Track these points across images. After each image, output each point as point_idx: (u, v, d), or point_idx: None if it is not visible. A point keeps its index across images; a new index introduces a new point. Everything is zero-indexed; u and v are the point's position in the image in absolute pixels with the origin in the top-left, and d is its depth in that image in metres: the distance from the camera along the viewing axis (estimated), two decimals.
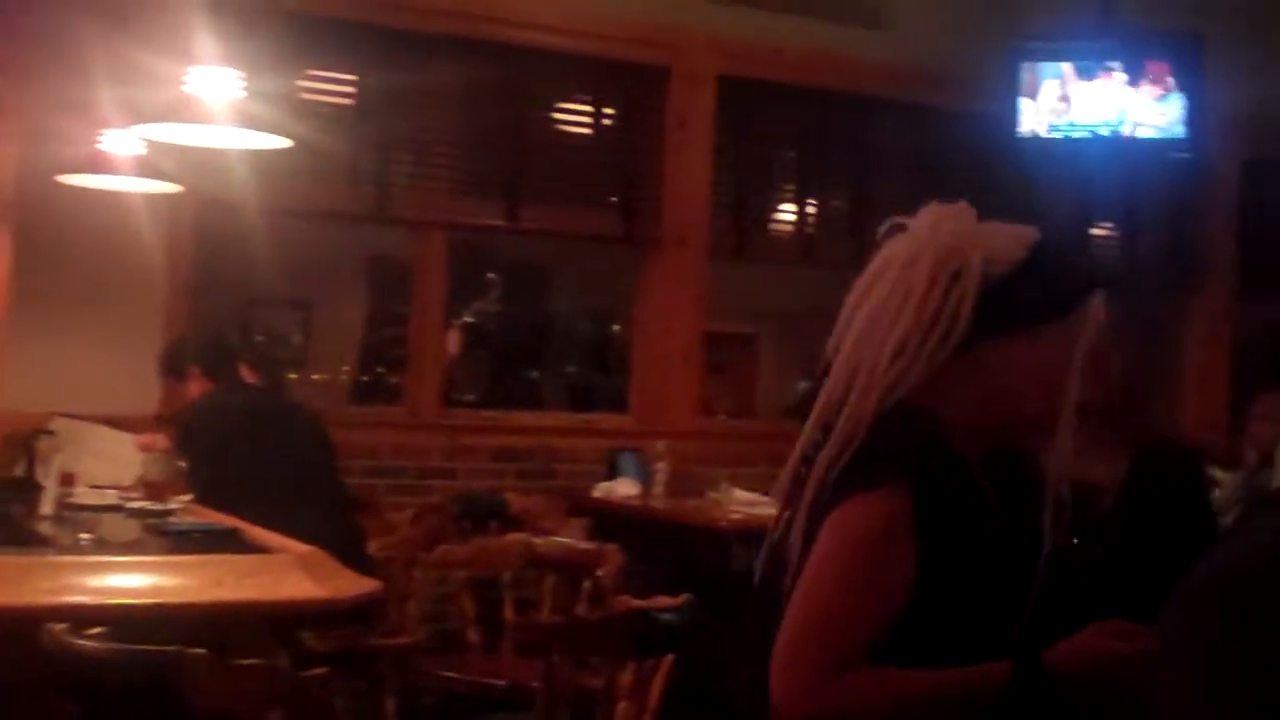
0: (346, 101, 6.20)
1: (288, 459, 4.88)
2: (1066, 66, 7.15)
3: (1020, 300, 1.76)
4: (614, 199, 6.78)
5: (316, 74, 6.14)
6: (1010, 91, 7.14)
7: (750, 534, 4.84)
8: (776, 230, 7.24)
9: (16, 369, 5.02)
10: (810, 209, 7.27)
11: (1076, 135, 7.15)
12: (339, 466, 5.15)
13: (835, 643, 1.61)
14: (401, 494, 6.03)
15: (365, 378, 9.34)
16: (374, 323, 9.58)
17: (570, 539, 5.11)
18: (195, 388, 5.07)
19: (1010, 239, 1.83)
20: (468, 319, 8.93)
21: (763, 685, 1.66)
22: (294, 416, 5.15)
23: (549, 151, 6.67)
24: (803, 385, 10.25)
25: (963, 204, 1.88)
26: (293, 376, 8.23)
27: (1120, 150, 7.16)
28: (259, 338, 8.07)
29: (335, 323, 9.73)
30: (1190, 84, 7.09)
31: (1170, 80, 7.11)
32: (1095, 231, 7.87)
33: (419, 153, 6.36)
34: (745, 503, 5.82)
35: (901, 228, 1.88)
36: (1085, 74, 7.15)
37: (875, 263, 1.87)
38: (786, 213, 7.26)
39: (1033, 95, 7.16)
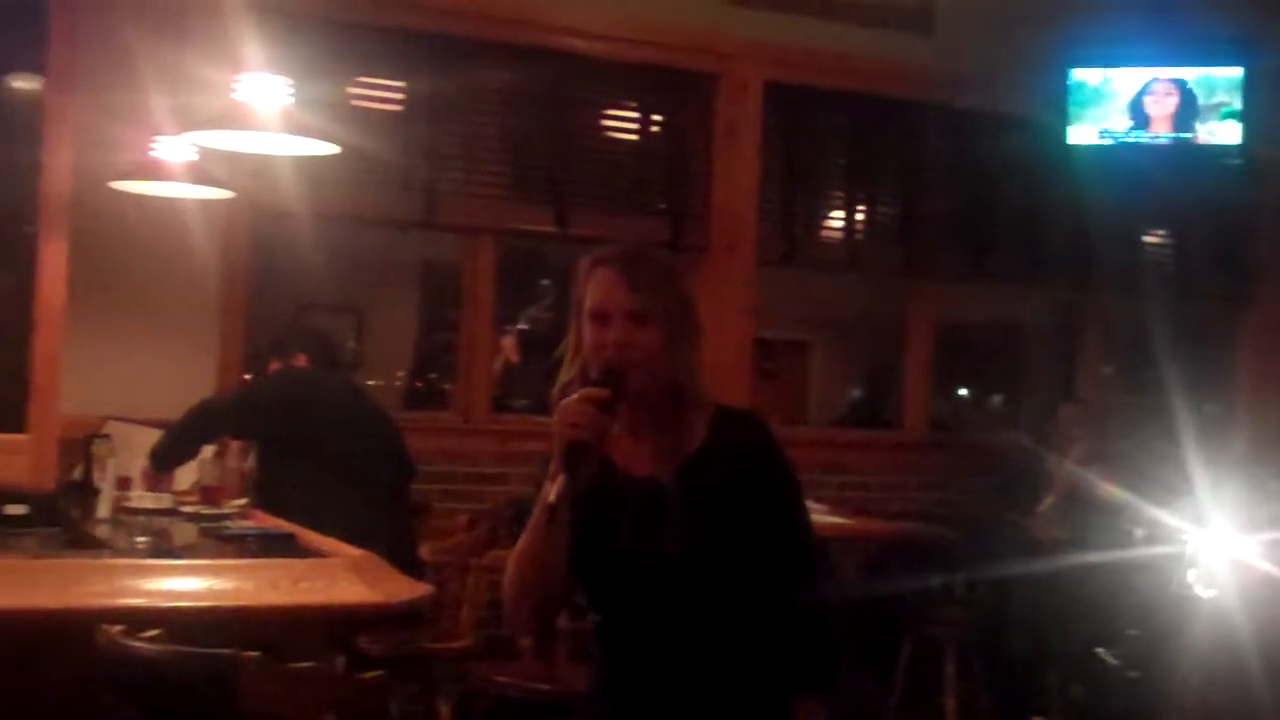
0: (395, 108, 6.21)
1: (355, 442, 4.88)
2: (1118, 72, 7.09)
3: None
4: (662, 205, 6.76)
5: (365, 80, 6.14)
6: (1060, 97, 7.08)
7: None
8: (825, 237, 7.20)
9: (73, 374, 5.03)
10: (859, 215, 7.23)
11: (1128, 141, 7.07)
12: (413, 472, 5.16)
13: None
14: (454, 499, 6.03)
15: (418, 383, 9.36)
16: (426, 328, 9.59)
17: None
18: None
19: None
20: (521, 325, 8.93)
21: None
22: (366, 403, 5.19)
23: (597, 157, 6.67)
24: (856, 394, 10.19)
25: None
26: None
27: (1173, 156, 7.07)
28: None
29: (388, 328, 9.76)
30: (1244, 89, 7.00)
31: (1223, 85, 7.03)
32: (1147, 239, 7.79)
33: (468, 158, 6.36)
34: None
35: None
36: (1136, 80, 7.08)
37: None
38: (835, 219, 7.22)
39: (1083, 102, 7.09)
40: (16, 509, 4.22)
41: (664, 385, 2.38)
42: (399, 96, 6.21)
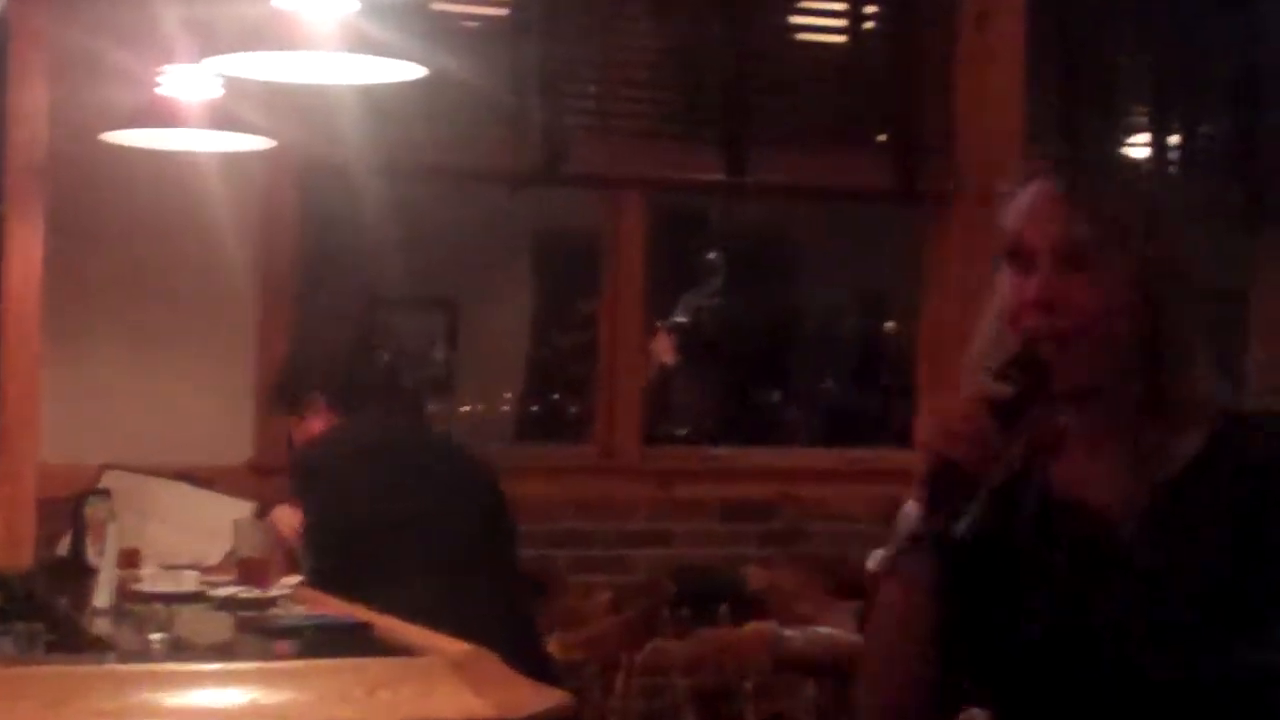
0: (499, 13, 6.26)
1: (442, 519, 4.90)
2: None
3: None
4: (882, 138, 6.74)
5: None
6: None
7: None
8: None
9: (56, 405, 5.13)
10: (1174, 140, 7.15)
11: None
12: (513, 531, 5.17)
13: None
14: (593, 569, 6.08)
15: (535, 406, 9.41)
16: (545, 328, 9.65)
17: (835, 629, 5.06)
18: (317, 425, 5.12)
19: None
20: (679, 318, 8.94)
21: None
22: (452, 460, 5.19)
23: (787, 73, 6.68)
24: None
25: None
26: (434, 408, 8.32)
27: None
28: (386, 355, 8.19)
29: (491, 329, 9.84)
30: None
31: None
32: None
33: (603, 84, 6.39)
34: None
35: None
36: None
37: None
38: (1138, 146, 7.14)
39: None
40: None
41: (1120, 380, 2.22)
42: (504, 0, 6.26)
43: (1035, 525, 2.24)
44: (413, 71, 4.25)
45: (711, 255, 9.38)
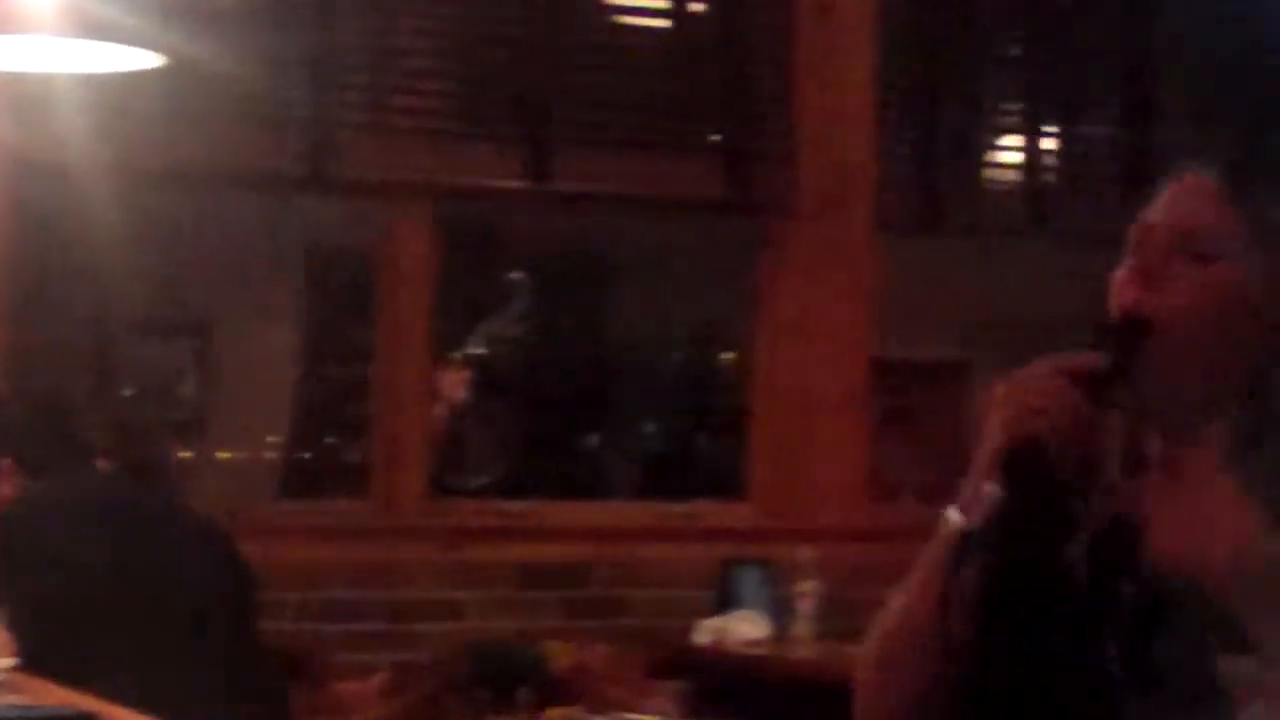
0: None
1: (164, 594, 4.88)
2: None
3: None
4: (714, 137, 6.77)
5: None
6: None
7: None
8: (993, 180, 7.21)
9: None
10: (1050, 142, 7.26)
11: None
12: (250, 602, 5.15)
13: None
14: (368, 646, 6.04)
15: (305, 453, 9.36)
16: (316, 359, 9.59)
17: (654, 717, 5.07)
18: (7, 488, 5.08)
19: None
20: (475, 350, 8.93)
21: None
22: (174, 524, 5.16)
23: (599, 62, 6.71)
24: None
25: None
26: (183, 455, 8.24)
27: None
28: (126, 391, 8.10)
29: (251, 360, 9.77)
30: None
31: None
32: None
33: (381, 73, 6.39)
34: None
35: None
36: None
37: None
38: (1010, 149, 7.25)
39: None
40: None
41: (1229, 404, 2.24)
42: None
43: (1103, 553, 2.22)
44: (149, 59, 4.23)
45: (514, 276, 9.36)
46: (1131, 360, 2.15)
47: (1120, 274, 2.24)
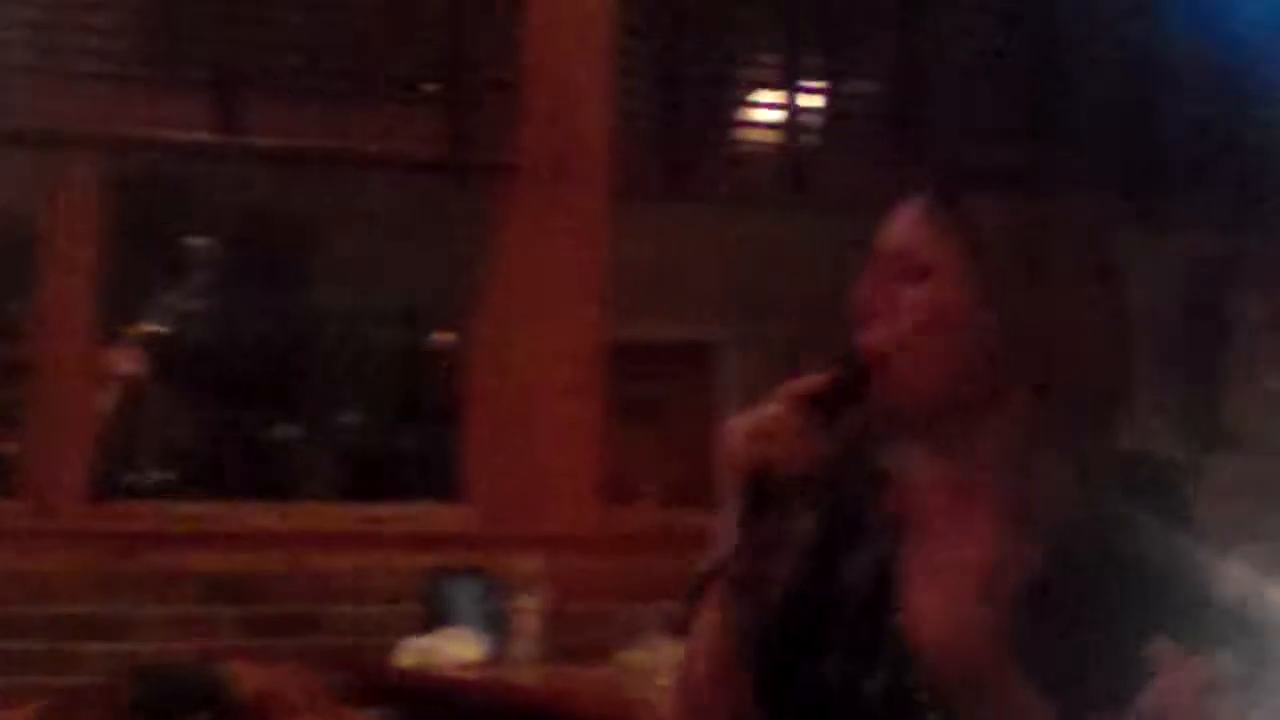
0: None
1: None
2: None
3: None
4: (428, 87, 6.82)
5: None
6: None
7: None
8: (745, 143, 7.31)
9: None
10: (810, 101, 7.35)
11: None
12: None
13: None
14: (18, 668, 6.01)
15: None
16: None
17: None
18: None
19: None
20: (151, 327, 8.88)
21: None
22: None
23: (302, 0, 6.71)
24: None
25: None
26: None
27: None
28: None
29: None
30: None
31: None
32: None
33: (43, 10, 6.36)
34: None
35: None
36: None
37: None
38: (764, 109, 7.34)
39: None
40: None
41: (949, 390, 2.45)
42: None
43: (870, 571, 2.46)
44: None
45: (197, 242, 9.31)
46: (859, 382, 2.40)
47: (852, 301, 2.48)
